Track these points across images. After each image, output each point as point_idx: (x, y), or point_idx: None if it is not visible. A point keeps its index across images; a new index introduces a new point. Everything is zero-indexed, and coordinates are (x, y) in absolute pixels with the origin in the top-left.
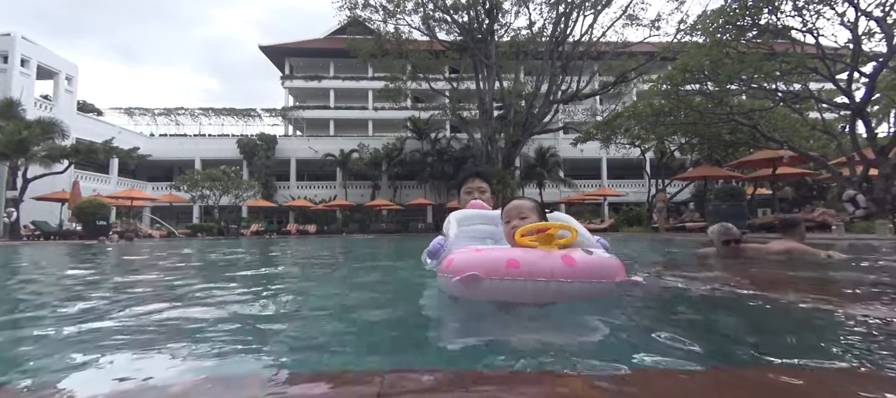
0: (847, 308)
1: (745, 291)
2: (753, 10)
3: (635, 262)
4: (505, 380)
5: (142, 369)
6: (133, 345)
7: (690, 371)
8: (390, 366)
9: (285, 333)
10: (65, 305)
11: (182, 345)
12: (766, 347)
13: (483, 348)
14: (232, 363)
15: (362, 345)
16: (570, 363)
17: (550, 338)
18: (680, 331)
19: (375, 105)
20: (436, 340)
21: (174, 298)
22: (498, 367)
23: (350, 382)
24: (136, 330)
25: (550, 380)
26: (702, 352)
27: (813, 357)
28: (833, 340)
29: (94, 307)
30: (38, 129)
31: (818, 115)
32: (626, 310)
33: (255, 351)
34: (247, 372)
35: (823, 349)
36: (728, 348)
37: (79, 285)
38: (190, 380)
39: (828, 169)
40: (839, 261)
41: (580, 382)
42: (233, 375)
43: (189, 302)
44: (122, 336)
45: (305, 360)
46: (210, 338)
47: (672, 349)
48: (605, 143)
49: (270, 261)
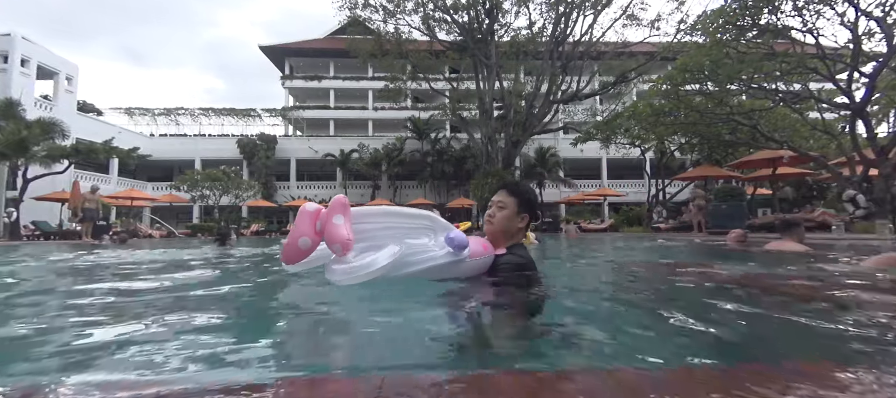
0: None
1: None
2: (753, 10)
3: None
4: (506, 379)
5: (142, 370)
6: (129, 345)
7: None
8: (390, 368)
9: (281, 338)
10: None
11: (179, 348)
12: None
13: (482, 349)
14: (226, 369)
15: (362, 348)
16: (575, 361)
17: (553, 337)
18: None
19: (375, 105)
20: (436, 340)
21: (171, 300)
22: (498, 368)
23: (349, 386)
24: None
25: (553, 379)
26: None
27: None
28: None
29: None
30: (38, 129)
31: (818, 115)
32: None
33: (250, 357)
34: (242, 378)
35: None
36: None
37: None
38: (185, 389)
39: (828, 169)
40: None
41: (591, 379)
42: (228, 382)
43: (190, 302)
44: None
45: (304, 364)
46: (203, 344)
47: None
48: (605, 143)
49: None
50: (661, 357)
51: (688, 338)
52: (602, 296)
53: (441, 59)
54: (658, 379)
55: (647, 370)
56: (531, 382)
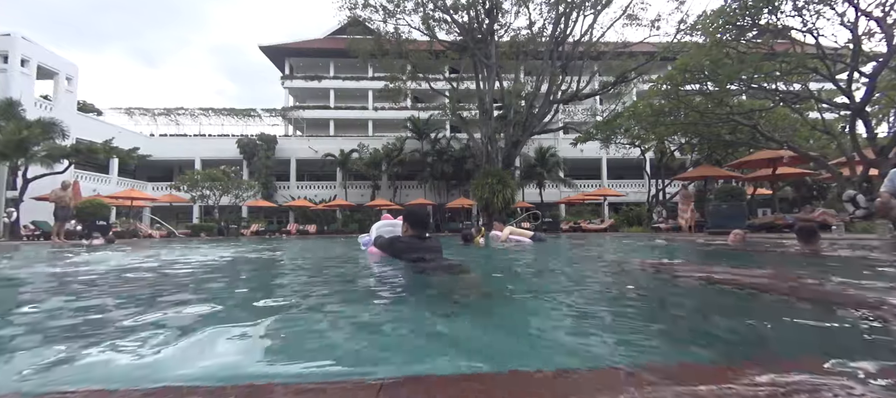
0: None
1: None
2: (753, 10)
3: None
4: (507, 379)
5: (141, 372)
6: (123, 348)
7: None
8: (391, 370)
9: (282, 339)
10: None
11: (178, 352)
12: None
13: (483, 348)
14: (229, 372)
15: (362, 350)
16: (579, 360)
17: (556, 335)
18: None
19: (375, 105)
20: (435, 341)
21: (171, 300)
22: (499, 367)
23: (350, 388)
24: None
25: (554, 378)
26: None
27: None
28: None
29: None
30: (38, 129)
31: (818, 115)
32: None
33: (254, 359)
34: (244, 381)
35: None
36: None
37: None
38: (178, 388)
39: (828, 169)
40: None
41: (591, 377)
42: (229, 385)
43: (188, 303)
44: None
45: (304, 367)
46: (205, 346)
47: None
48: (605, 143)
49: (275, 263)
50: (660, 357)
51: (697, 336)
52: (602, 295)
53: (441, 59)
54: (657, 379)
55: (651, 366)
56: (532, 381)
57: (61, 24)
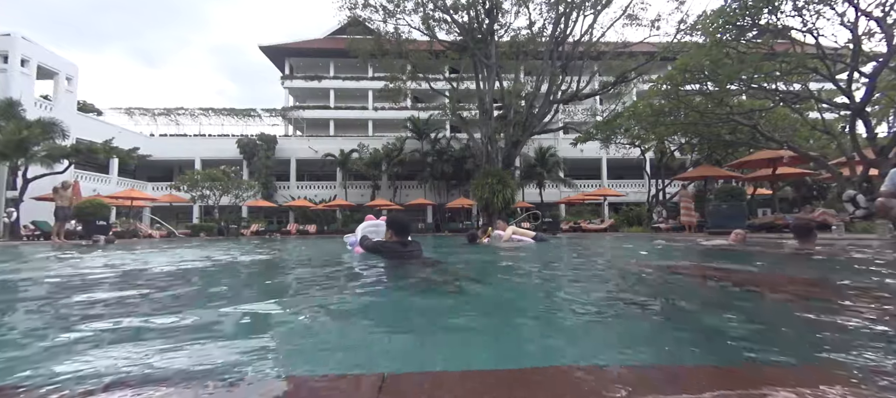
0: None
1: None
2: (753, 10)
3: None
4: (507, 376)
5: (141, 371)
6: (132, 347)
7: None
8: (392, 367)
9: (285, 336)
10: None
11: (179, 348)
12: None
13: (484, 348)
14: (232, 368)
15: (363, 348)
16: (582, 358)
17: (558, 334)
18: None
19: (375, 105)
20: (435, 342)
21: (167, 300)
22: (499, 367)
23: (351, 385)
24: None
25: (554, 376)
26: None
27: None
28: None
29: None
30: (38, 129)
31: (818, 114)
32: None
33: (255, 355)
34: (245, 376)
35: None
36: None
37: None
38: (189, 385)
39: (828, 169)
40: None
41: (591, 376)
42: (233, 379)
43: (187, 304)
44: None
45: (306, 363)
46: (208, 342)
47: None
48: (605, 143)
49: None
50: (661, 357)
51: (695, 336)
52: (601, 294)
53: (441, 59)
54: (658, 377)
55: (654, 366)
56: (531, 379)
57: (61, 24)
